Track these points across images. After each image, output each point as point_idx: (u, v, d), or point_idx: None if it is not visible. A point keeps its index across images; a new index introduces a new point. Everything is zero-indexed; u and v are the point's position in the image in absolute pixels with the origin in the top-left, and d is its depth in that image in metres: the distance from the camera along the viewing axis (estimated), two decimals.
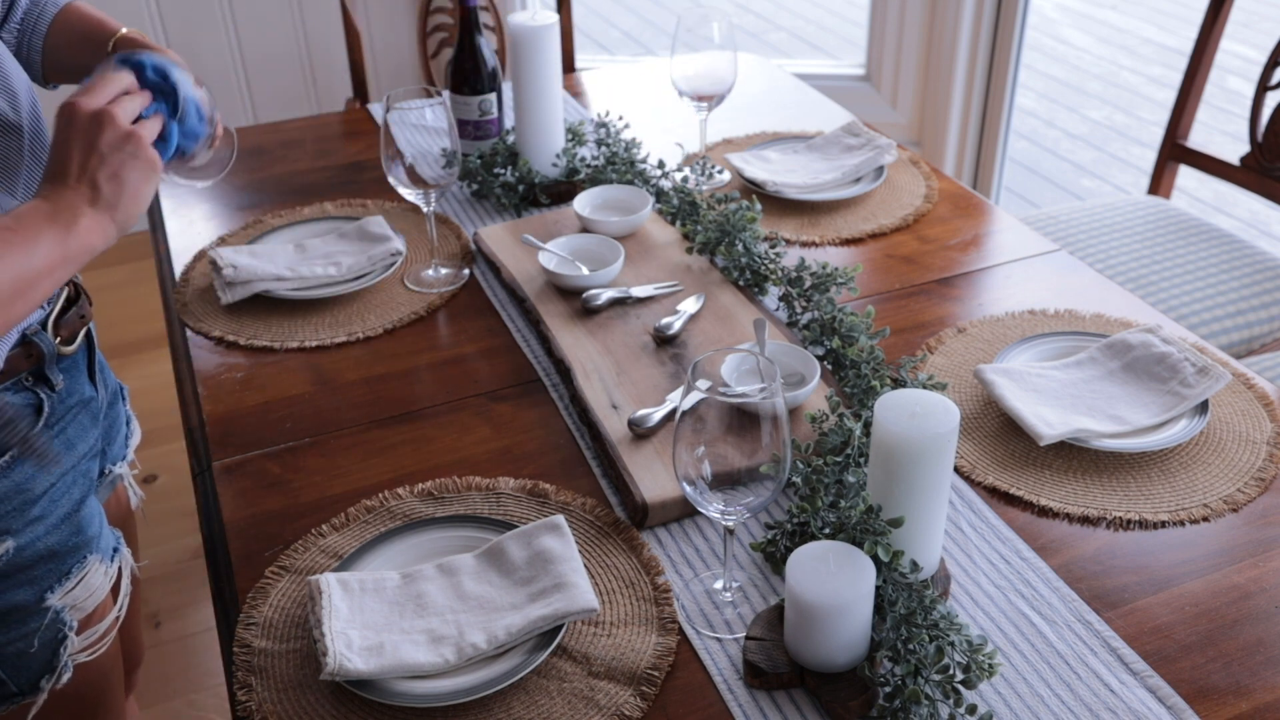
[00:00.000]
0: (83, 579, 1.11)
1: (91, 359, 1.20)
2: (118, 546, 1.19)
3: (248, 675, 0.99)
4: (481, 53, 1.77)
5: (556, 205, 1.76)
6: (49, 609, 1.08)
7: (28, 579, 1.07)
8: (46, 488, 1.07)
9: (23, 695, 1.10)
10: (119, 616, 1.17)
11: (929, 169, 1.85)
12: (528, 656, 0.97)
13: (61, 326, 1.10)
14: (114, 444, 1.30)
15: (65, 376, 1.12)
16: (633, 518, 1.14)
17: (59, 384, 1.10)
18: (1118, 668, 0.98)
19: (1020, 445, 1.23)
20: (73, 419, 1.13)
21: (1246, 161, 2.18)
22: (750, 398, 0.92)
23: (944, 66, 3.28)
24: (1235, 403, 1.29)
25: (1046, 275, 1.56)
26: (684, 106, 1.77)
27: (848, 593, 0.91)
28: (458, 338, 1.45)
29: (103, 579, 1.14)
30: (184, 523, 2.36)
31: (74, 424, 1.13)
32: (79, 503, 1.13)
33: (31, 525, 1.06)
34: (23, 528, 1.05)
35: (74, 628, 1.10)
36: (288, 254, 1.58)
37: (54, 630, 1.09)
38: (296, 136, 2.03)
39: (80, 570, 1.11)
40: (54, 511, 1.09)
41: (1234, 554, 1.09)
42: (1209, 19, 2.21)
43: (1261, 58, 5.00)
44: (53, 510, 1.08)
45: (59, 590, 1.09)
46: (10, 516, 1.04)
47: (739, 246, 1.49)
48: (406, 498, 1.17)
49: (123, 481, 1.35)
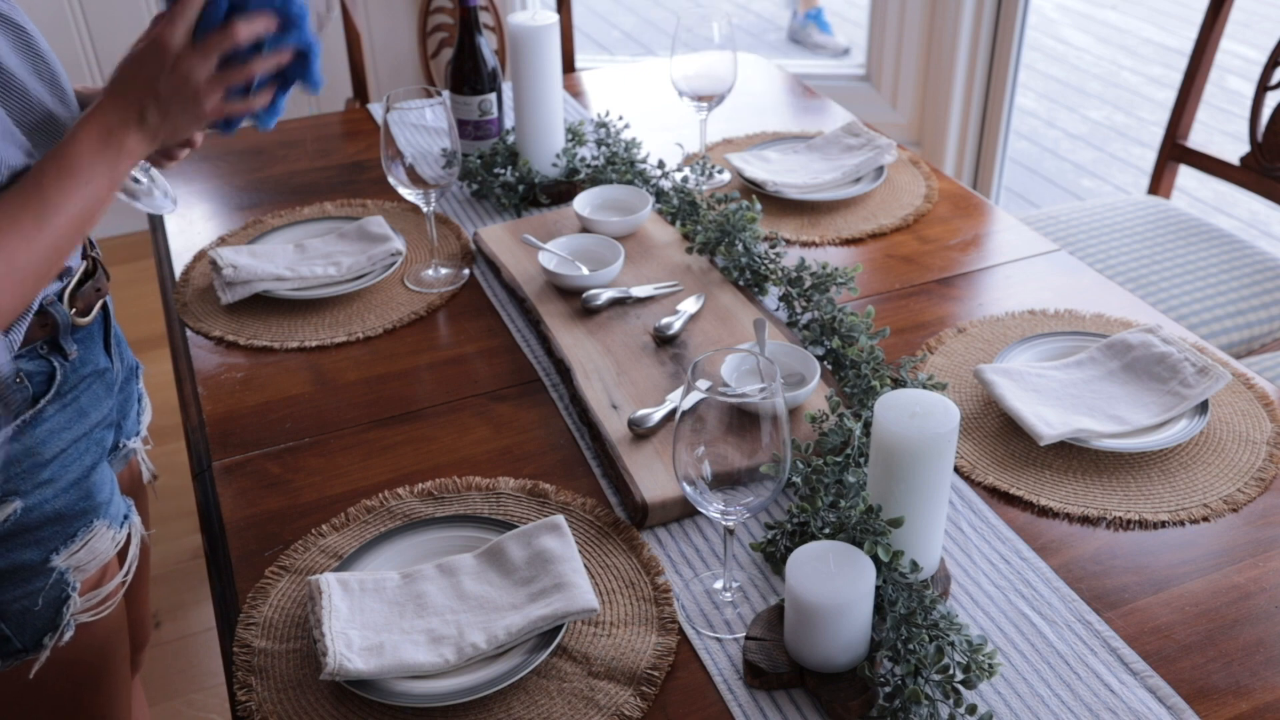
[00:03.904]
0: (88, 542, 1.14)
1: (108, 332, 1.23)
2: (128, 514, 1.21)
3: (248, 675, 0.99)
4: (481, 53, 1.77)
5: (556, 205, 1.76)
6: (54, 569, 1.11)
7: (34, 540, 1.09)
8: (57, 452, 1.10)
9: (26, 652, 1.13)
10: (125, 581, 1.19)
11: (929, 169, 1.85)
12: (528, 656, 0.97)
13: (78, 299, 1.13)
14: (128, 419, 1.33)
15: (80, 347, 1.15)
16: (633, 518, 1.14)
17: (73, 354, 1.13)
18: (1118, 668, 0.98)
19: (1020, 445, 1.23)
20: (86, 388, 1.16)
21: (1246, 161, 2.18)
22: (750, 398, 0.92)
23: (944, 66, 3.28)
24: (1235, 403, 1.29)
25: (1046, 275, 1.56)
26: (684, 106, 1.77)
27: (848, 593, 0.91)
28: (458, 338, 1.46)
29: (109, 544, 1.16)
30: (184, 523, 2.36)
31: (87, 393, 1.16)
32: (89, 469, 1.15)
33: (40, 488, 1.09)
34: (31, 490, 1.08)
35: (77, 588, 1.13)
36: (288, 254, 1.58)
37: (58, 590, 1.12)
38: (296, 136, 2.03)
39: (86, 534, 1.14)
40: (64, 476, 1.11)
41: (1234, 554, 1.09)
42: (1209, 19, 2.21)
43: (1261, 58, 5.00)
44: (62, 474, 1.11)
45: (64, 552, 1.11)
46: (20, 478, 1.07)
47: (739, 246, 1.49)
48: (406, 498, 1.17)
49: (136, 456, 1.38)
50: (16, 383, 1.06)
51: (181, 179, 1.88)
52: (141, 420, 1.37)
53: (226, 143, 2.01)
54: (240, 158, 1.95)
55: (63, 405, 1.11)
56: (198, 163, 1.93)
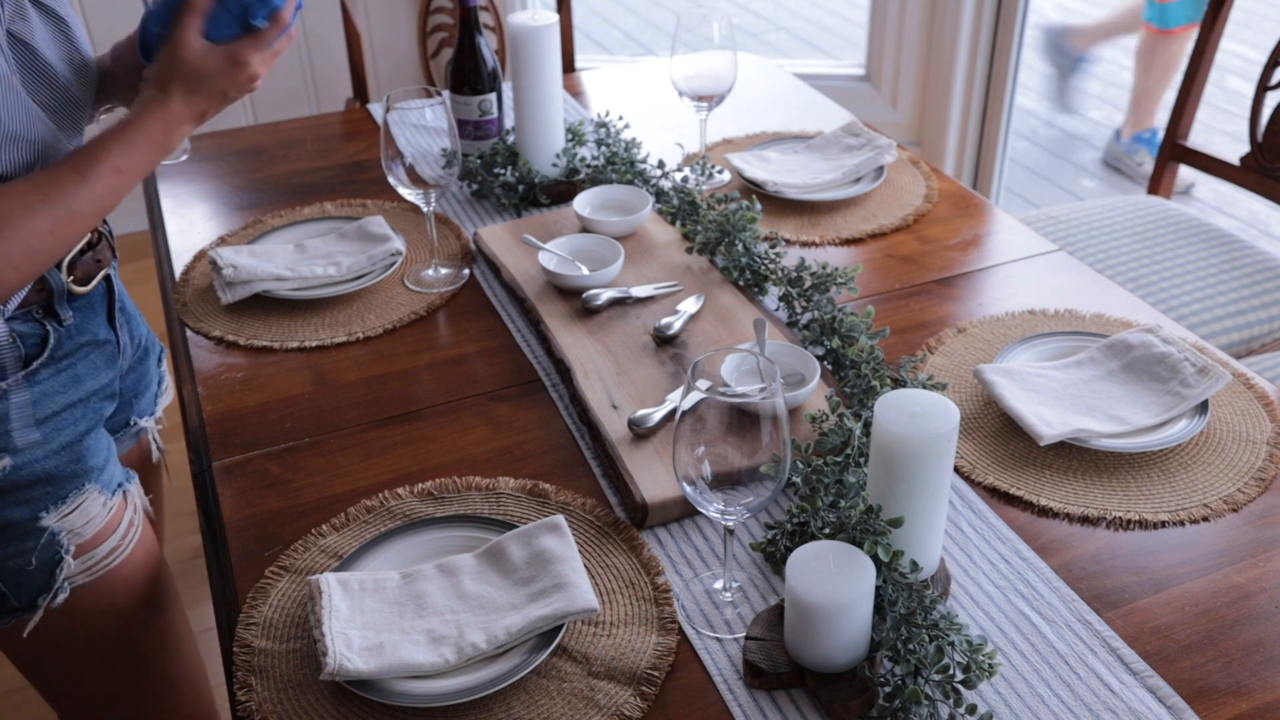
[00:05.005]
0: (80, 505, 1.16)
1: (111, 303, 1.26)
2: (123, 483, 1.24)
3: (248, 675, 0.99)
4: (481, 53, 1.77)
5: (556, 205, 1.76)
6: (44, 529, 1.14)
7: (24, 499, 1.13)
8: (49, 414, 1.14)
9: (23, 610, 1.17)
10: (119, 546, 1.22)
11: (929, 169, 1.85)
12: (528, 656, 0.97)
13: (76, 267, 1.17)
14: (141, 398, 1.35)
15: (77, 315, 1.19)
16: (633, 518, 1.14)
17: (68, 320, 1.17)
18: (1118, 668, 0.98)
19: (1020, 445, 1.23)
20: (83, 356, 1.19)
21: (1246, 161, 2.18)
22: (750, 398, 0.92)
23: (944, 66, 3.28)
24: (1235, 403, 1.29)
25: (1046, 275, 1.56)
26: (684, 106, 1.77)
27: (848, 593, 0.91)
28: (458, 338, 1.45)
29: (101, 509, 1.19)
30: (184, 523, 2.36)
31: (83, 361, 1.19)
32: (83, 435, 1.18)
33: (31, 448, 1.12)
34: (22, 449, 1.12)
35: (70, 551, 1.16)
36: (288, 254, 1.58)
37: (51, 551, 1.15)
38: (296, 136, 2.03)
39: (78, 496, 1.16)
40: (55, 439, 1.15)
41: (1234, 554, 1.09)
42: (1209, 19, 2.21)
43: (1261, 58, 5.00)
44: (54, 437, 1.14)
45: (54, 512, 1.15)
46: (7, 436, 1.10)
47: (739, 246, 1.49)
48: (406, 498, 1.17)
49: (147, 435, 1.41)
50: (9, 342, 1.10)
51: (182, 178, 1.88)
52: (159, 402, 1.40)
53: (226, 142, 2.01)
54: (240, 158, 1.95)
55: (57, 370, 1.15)
56: (198, 163, 1.94)
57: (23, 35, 1.04)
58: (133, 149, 1.06)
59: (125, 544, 1.22)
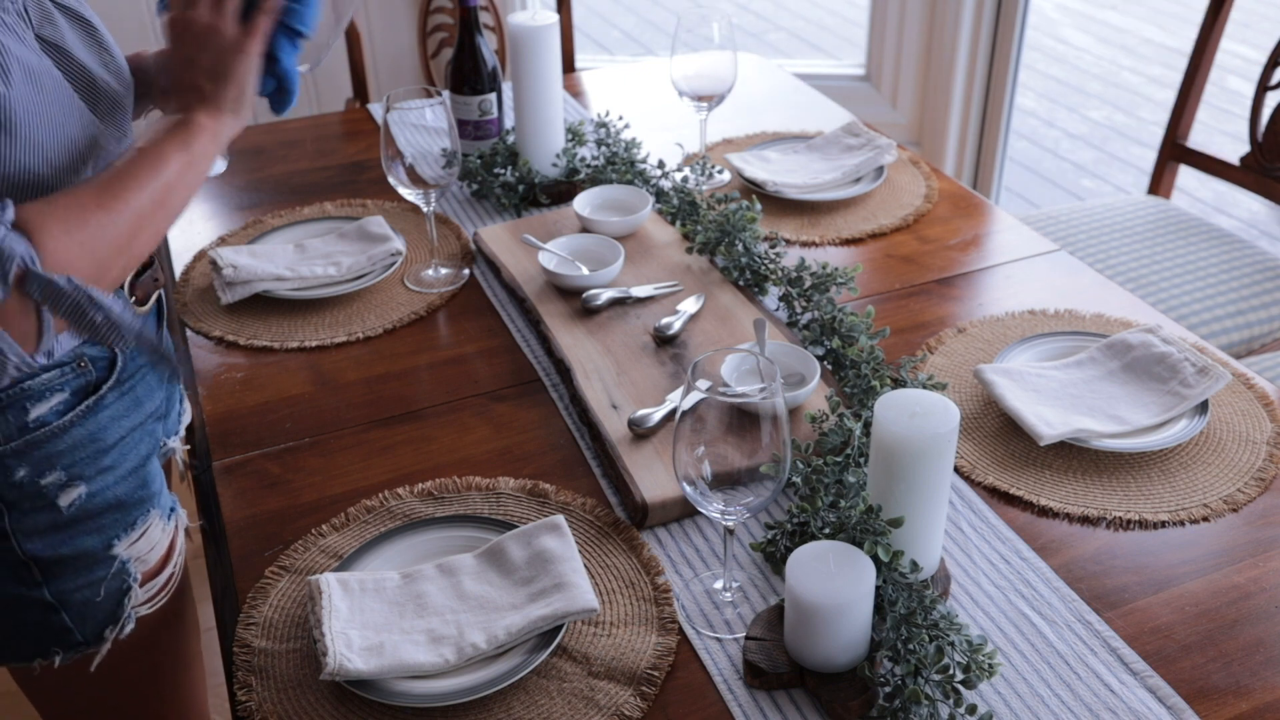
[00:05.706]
0: (146, 532, 1.15)
1: (161, 322, 1.26)
2: (174, 507, 1.23)
3: (248, 675, 0.99)
4: (481, 53, 1.77)
5: (556, 205, 1.76)
6: (115, 558, 1.12)
7: (96, 527, 1.10)
8: (117, 439, 1.12)
9: (87, 645, 1.13)
10: (174, 573, 1.20)
11: (929, 169, 1.85)
12: (528, 656, 0.97)
13: (137, 287, 1.17)
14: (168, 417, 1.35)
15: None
16: (633, 518, 1.14)
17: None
18: (1118, 668, 0.98)
19: (1020, 445, 1.23)
20: (141, 378, 1.18)
21: (1246, 161, 2.18)
22: (750, 398, 0.92)
23: (944, 66, 3.28)
24: (1235, 403, 1.29)
25: (1046, 275, 1.56)
26: (684, 106, 1.77)
27: (848, 593, 0.91)
28: (458, 338, 1.46)
29: (161, 534, 1.17)
30: None
31: (142, 383, 1.18)
32: (145, 458, 1.16)
33: (103, 474, 1.10)
34: (95, 475, 1.09)
35: (138, 579, 1.14)
36: (288, 254, 1.58)
37: (119, 580, 1.13)
38: (296, 136, 2.03)
39: (144, 522, 1.15)
40: (123, 463, 1.13)
41: (1234, 554, 1.09)
42: (1209, 19, 2.21)
43: (1261, 58, 5.00)
44: (122, 461, 1.13)
45: (125, 540, 1.13)
46: (84, 463, 1.08)
47: (739, 246, 1.49)
48: (406, 498, 1.17)
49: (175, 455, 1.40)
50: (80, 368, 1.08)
51: None
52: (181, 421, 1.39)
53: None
54: (240, 158, 1.95)
55: (121, 393, 1.13)
56: None
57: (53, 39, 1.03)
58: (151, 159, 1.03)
59: (179, 571, 1.21)
